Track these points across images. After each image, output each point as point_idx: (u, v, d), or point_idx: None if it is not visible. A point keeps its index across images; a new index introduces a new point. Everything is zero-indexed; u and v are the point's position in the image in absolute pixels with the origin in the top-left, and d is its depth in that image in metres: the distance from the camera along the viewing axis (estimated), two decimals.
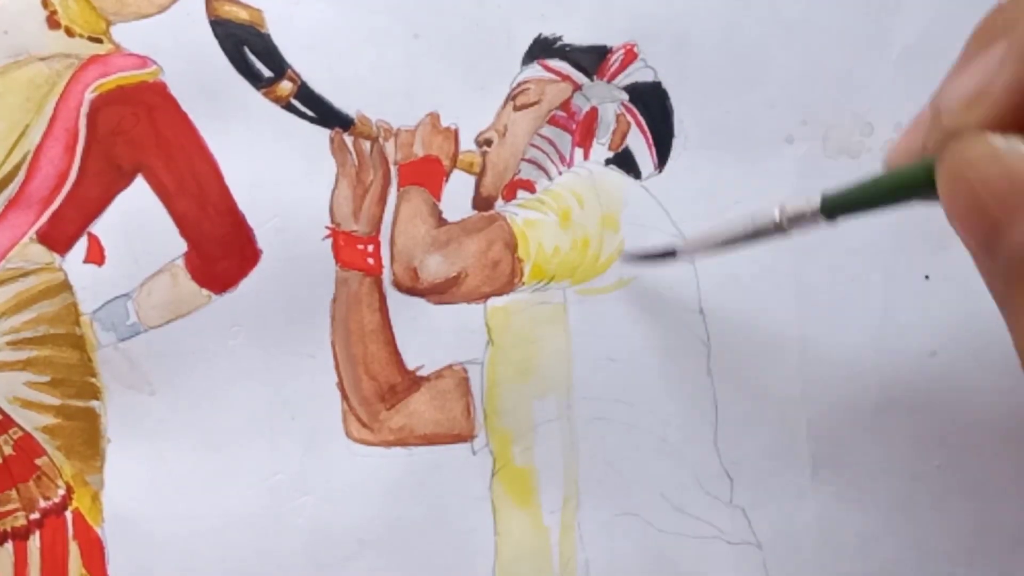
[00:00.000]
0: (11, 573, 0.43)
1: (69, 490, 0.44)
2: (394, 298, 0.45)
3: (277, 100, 0.45)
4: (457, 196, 0.46)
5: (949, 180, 0.26)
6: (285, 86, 0.45)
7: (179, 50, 0.44)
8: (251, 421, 0.44)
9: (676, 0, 0.46)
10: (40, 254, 0.44)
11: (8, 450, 0.44)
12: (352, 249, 0.45)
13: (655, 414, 0.45)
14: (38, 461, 0.44)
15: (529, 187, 0.46)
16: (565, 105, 0.46)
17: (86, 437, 0.44)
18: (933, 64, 0.46)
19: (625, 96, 0.46)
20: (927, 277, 0.45)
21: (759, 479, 0.45)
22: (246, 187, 0.45)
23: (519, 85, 0.46)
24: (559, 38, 0.46)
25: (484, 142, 0.46)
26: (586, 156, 0.46)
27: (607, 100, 0.46)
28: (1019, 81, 0.26)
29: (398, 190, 0.45)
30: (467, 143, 0.46)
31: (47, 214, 0.44)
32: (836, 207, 0.32)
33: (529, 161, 0.46)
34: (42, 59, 0.44)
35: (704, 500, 0.45)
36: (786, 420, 0.46)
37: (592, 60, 0.46)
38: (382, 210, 0.45)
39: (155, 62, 0.45)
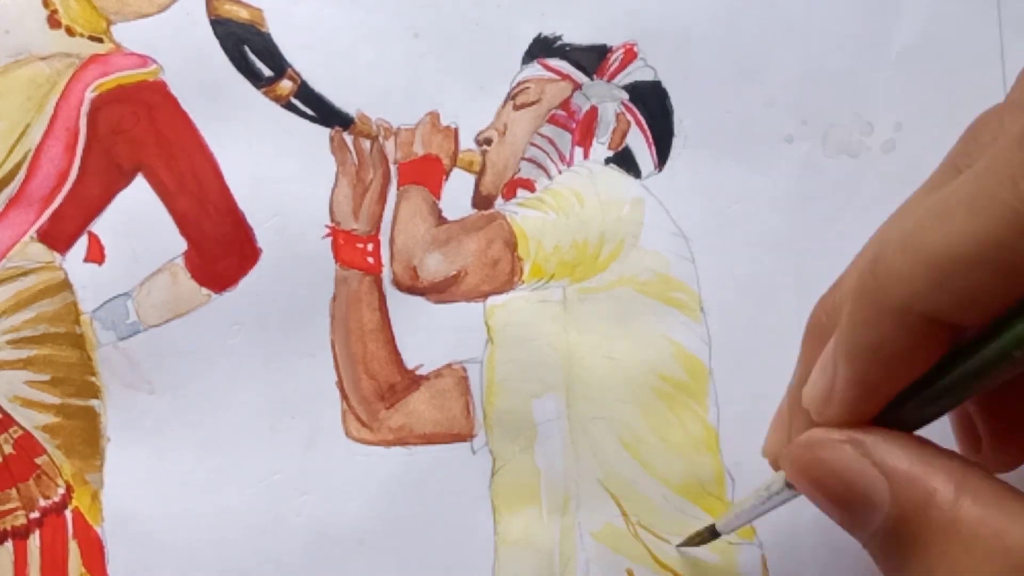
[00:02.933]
0: (11, 572, 0.43)
1: (69, 489, 0.44)
2: (394, 297, 0.45)
3: (277, 99, 0.45)
4: (457, 195, 0.46)
5: (799, 484, 0.31)
6: (285, 85, 0.45)
7: (179, 49, 0.45)
8: (251, 420, 0.44)
9: None
10: (40, 253, 0.44)
11: (8, 449, 0.44)
12: (352, 248, 0.45)
13: (655, 414, 0.45)
14: (38, 460, 0.44)
15: (529, 186, 0.46)
16: (565, 104, 0.46)
17: (86, 436, 0.44)
18: (932, 64, 0.47)
19: (625, 95, 0.46)
20: None
21: (760, 479, 0.45)
22: (246, 186, 0.45)
23: (519, 84, 0.46)
24: (559, 37, 0.46)
25: (484, 141, 0.46)
26: (586, 155, 0.46)
27: (607, 99, 0.46)
28: (851, 378, 0.29)
29: (398, 189, 0.45)
30: (467, 142, 0.46)
31: (47, 213, 0.44)
32: None
33: (529, 160, 0.46)
34: (43, 58, 0.45)
35: (705, 500, 0.45)
36: None
37: (592, 59, 0.46)
38: (382, 209, 0.45)
39: (155, 61, 0.45)
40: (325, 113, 0.45)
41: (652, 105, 0.46)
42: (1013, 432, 0.34)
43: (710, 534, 0.42)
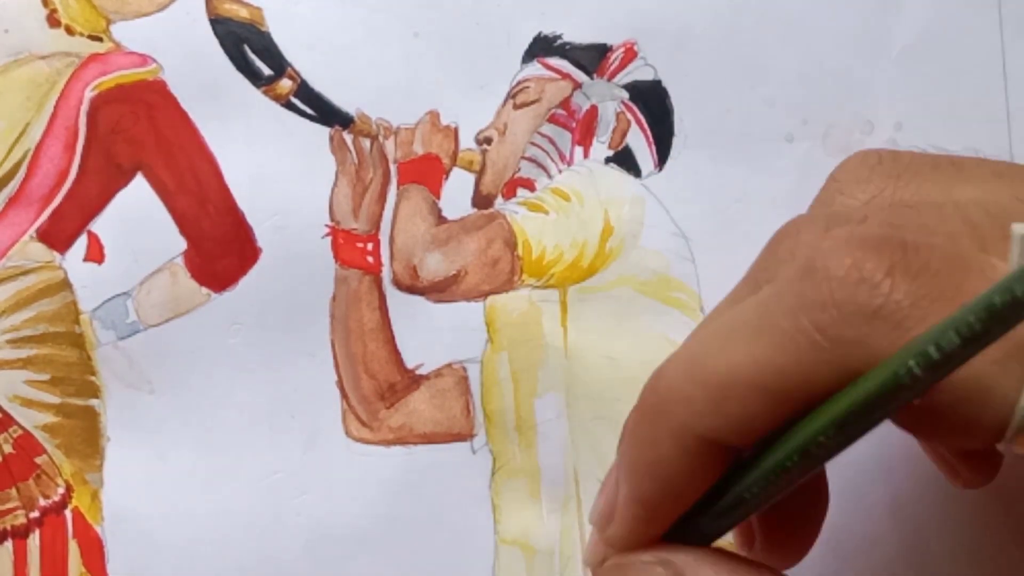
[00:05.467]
0: (11, 572, 0.43)
1: (69, 489, 0.44)
2: (393, 296, 0.45)
3: (277, 98, 0.45)
4: (457, 194, 0.46)
5: None
6: (285, 84, 0.45)
7: (179, 48, 0.45)
8: (250, 419, 0.44)
9: None
10: (40, 252, 0.44)
11: (8, 448, 0.44)
12: (351, 247, 0.45)
13: None
14: (38, 459, 0.44)
15: (529, 185, 0.46)
16: (565, 103, 0.46)
17: (86, 435, 0.44)
18: (933, 63, 0.47)
19: (625, 94, 0.46)
20: None
21: None
22: (246, 185, 0.45)
23: (519, 83, 0.46)
24: (559, 36, 0.46)
25: (484, 140, 0.46)
26: (586, 154, 0.46)
27: (607, 98, 0.46)
28: (632, 495, 0.28)
29: (398, 188, 0.45)
30: (467, 141, 0.46)
31: (47, 212, 0.44)
32: None
33: (529, 159, 0.46)
34: (42, 57, 0.45)
35: None
36: None
37: (592, 58, 0.46)
38: (382, 208, 0.45)
39: (155, 60, 0.45)
40: (325, 112, 0.45)
41: (652, 104, 0.46)
42: (784, 534, 0.34)
43: None
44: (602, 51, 0.46)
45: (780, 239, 0.31)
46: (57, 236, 0.45)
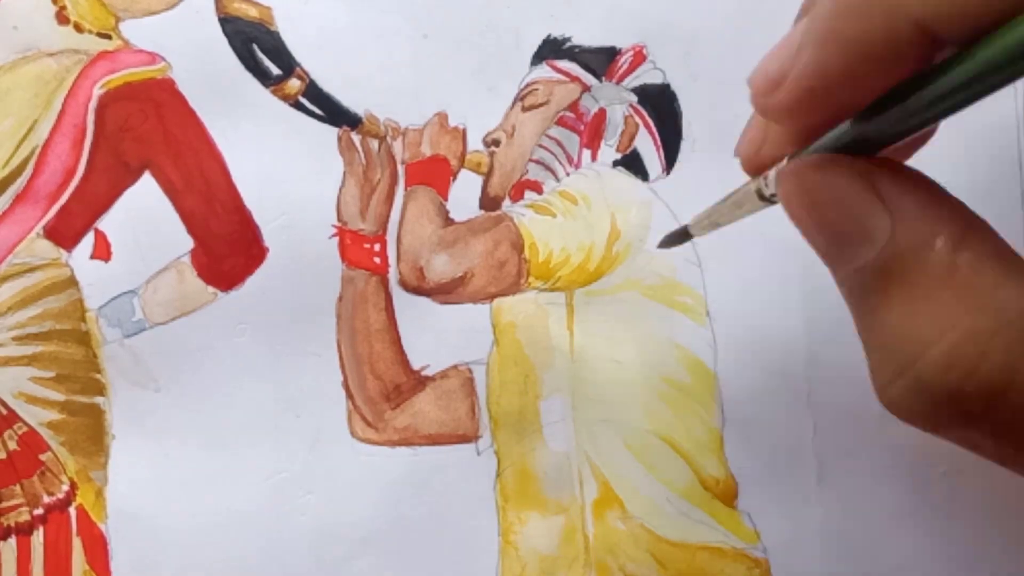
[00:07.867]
0: (15, 569, 0.43)
1: (73, 486, 0.44)
2: (400, 297, 0.45)
3: (285, 98, 0.45)
4: (464, 196, 0.46)
5: (793, 204, 0.28)
6: (294, 84, 0.45)
7: (188, 47, 0.45)
8: (256, 419, 0.44)
9: (686, 2, 0.46)
10: (47, 249, 0.44)
11: (12, 445, 0.44)
12: (358, 248, 0.45)
13: (660, 417, 0.45)
14: (42, 457, 0.44)
15: (536, 188, 0.46)
16: (573, 106, 0.46)
17: (91, 433, 0.44)
18: None
19: (634, 98, 0.46)
20: None
21: (765, 484, 0.45)
22: (253, 185, 0.45)
23: (528, 86, 0.46)
24: (568, 39, 0.46)
25: (492, 142, 0.46)
26: (594, 157, 0.46)
27: (615, 102, 0.46)
28: (815, 67, 0.26)
29: (405, 189, 0.45)
30: (475, 143, 0.46)
31: (54, 209, 0.44)
32: None
33: (537, 162, 0.46)
34: (51, 55, 0.44)
35: (709, 504, 0.45)
36: (792, 425, 0.45)
37: (601, 61, 0.46)
38: (389, 209, 0.45)
39: (164, 59, 0.45)
40: (333, 112, 0.45)
41: (661, 108, 0.46)
42: None
43: (684, 235, 0.39)
44: (611, 54, 0.46)
45: None
46: (64, 233, 0.45)
